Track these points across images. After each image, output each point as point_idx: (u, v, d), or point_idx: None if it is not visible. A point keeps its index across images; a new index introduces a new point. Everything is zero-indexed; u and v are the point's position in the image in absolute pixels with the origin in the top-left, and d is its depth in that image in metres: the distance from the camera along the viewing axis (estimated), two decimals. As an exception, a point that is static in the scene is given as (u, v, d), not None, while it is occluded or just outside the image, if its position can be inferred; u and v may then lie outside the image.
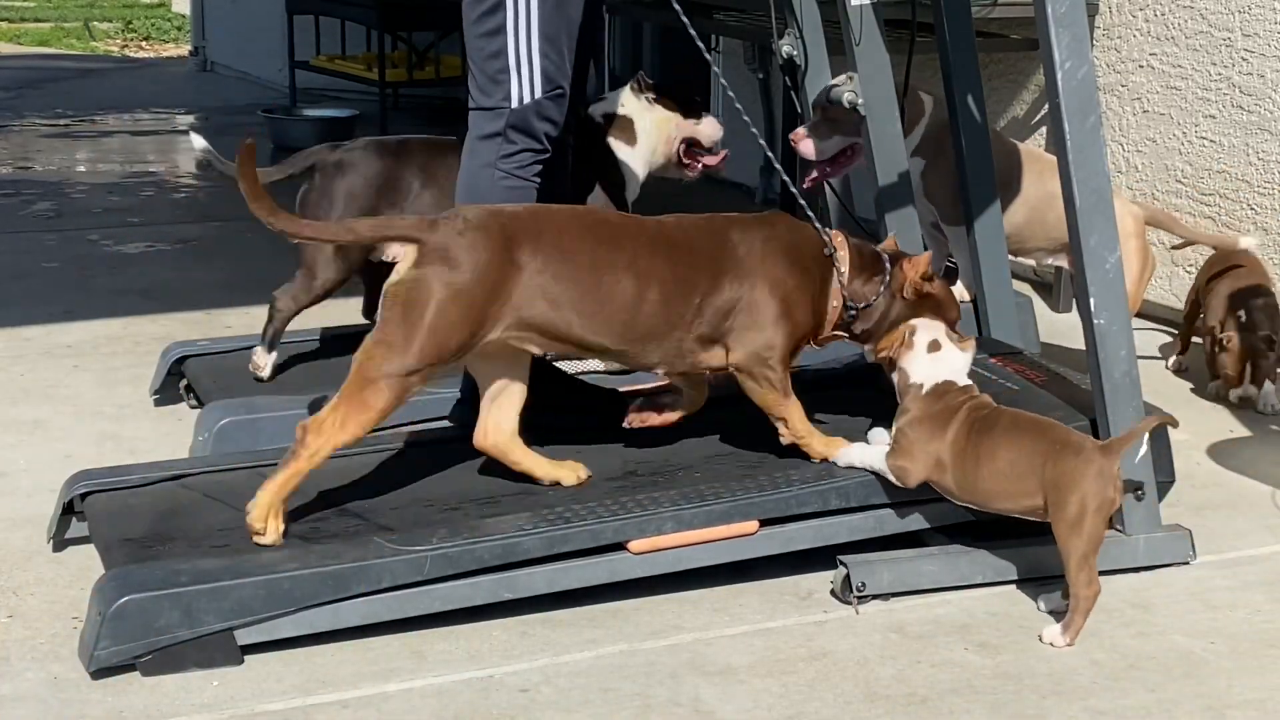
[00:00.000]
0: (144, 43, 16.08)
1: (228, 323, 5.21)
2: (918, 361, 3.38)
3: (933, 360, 3.37)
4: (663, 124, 4.59)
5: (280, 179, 4.30)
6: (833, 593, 3.34)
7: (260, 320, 4.37)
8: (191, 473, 3.55)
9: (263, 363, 4.30)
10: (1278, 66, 4.98)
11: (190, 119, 9.99)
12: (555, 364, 3.99)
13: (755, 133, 3.60)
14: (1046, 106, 5.38)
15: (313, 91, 9.90)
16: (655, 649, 3.12)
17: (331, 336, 4.63)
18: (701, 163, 4.67)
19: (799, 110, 4.48)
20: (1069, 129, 3.32)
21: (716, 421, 3.61)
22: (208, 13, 12.56)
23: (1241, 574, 3.51)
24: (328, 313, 4.84)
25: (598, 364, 4.18)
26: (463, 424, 3.84)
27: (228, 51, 12.26)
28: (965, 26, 4.23)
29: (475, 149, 3.70)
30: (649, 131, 4.58)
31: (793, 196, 3.64)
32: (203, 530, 3.24)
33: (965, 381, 3.38)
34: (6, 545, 3.51)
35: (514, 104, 3.60)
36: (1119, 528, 3.47)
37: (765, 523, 3.33)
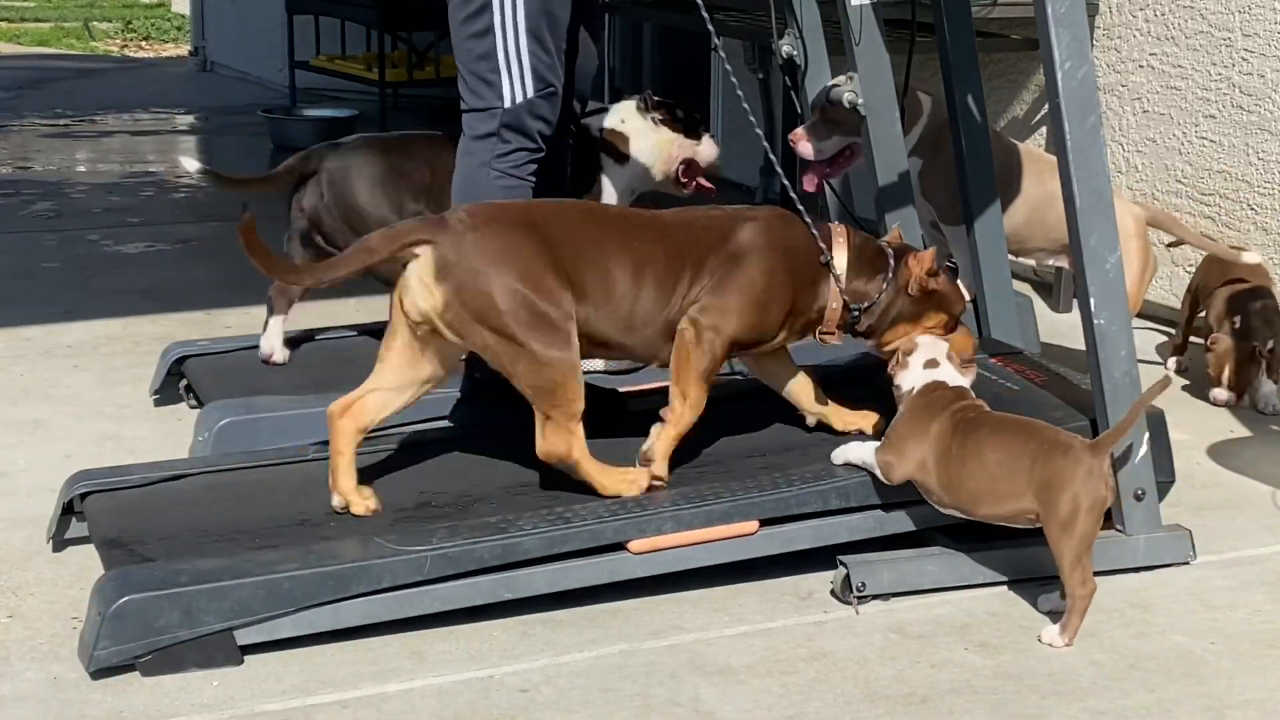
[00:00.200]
0: (144, 43, 16.10)
1: (228, 323, 5.21)
2: (912, 374, 3.39)
3: (926, 373, 3.38)
4: (665, 145, 4.61)
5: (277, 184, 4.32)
6: (833, 593, 3.34)
7: (260, 320, 4.38)
8: (191, 473, 3.55)
9: (271, 346, 4.35)
10: (1278, 66, 4.97)
11: (190, 119, 9.99)
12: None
13: (759, 133, 3.60)
14: (1046, 106, 5.37)
15: (313, 91, 9.90)
16: (655, 649, 3.12)
17: (333, 337, 4.63)
18: (696, 183, 4.69)
19: (799, 110, 4.48)
20: (1069, 129, 3.32)
21: (717, 421, 3.61)
22: (207, 13, 12.57)
23: (1241, 574, 3.51)
24: (329, 313, 4.84)
25: (598, 364, 4.18)
26: (463, 424, 3.85)
27: (228, 51, 12.26)
28: (965, 26, 4.23)
29: (470, 149, 3.70)
30: (650, 151, 4.58)
31: (792, 197, 3.64)
32: (202, 530, 3.24)
33: (957, 384, 3.37)
34: (6, 545, 3.51)
35: (506, 104, 3.61)
36: (1119, 528, 3.47)
37: (765, 523, 3.33)
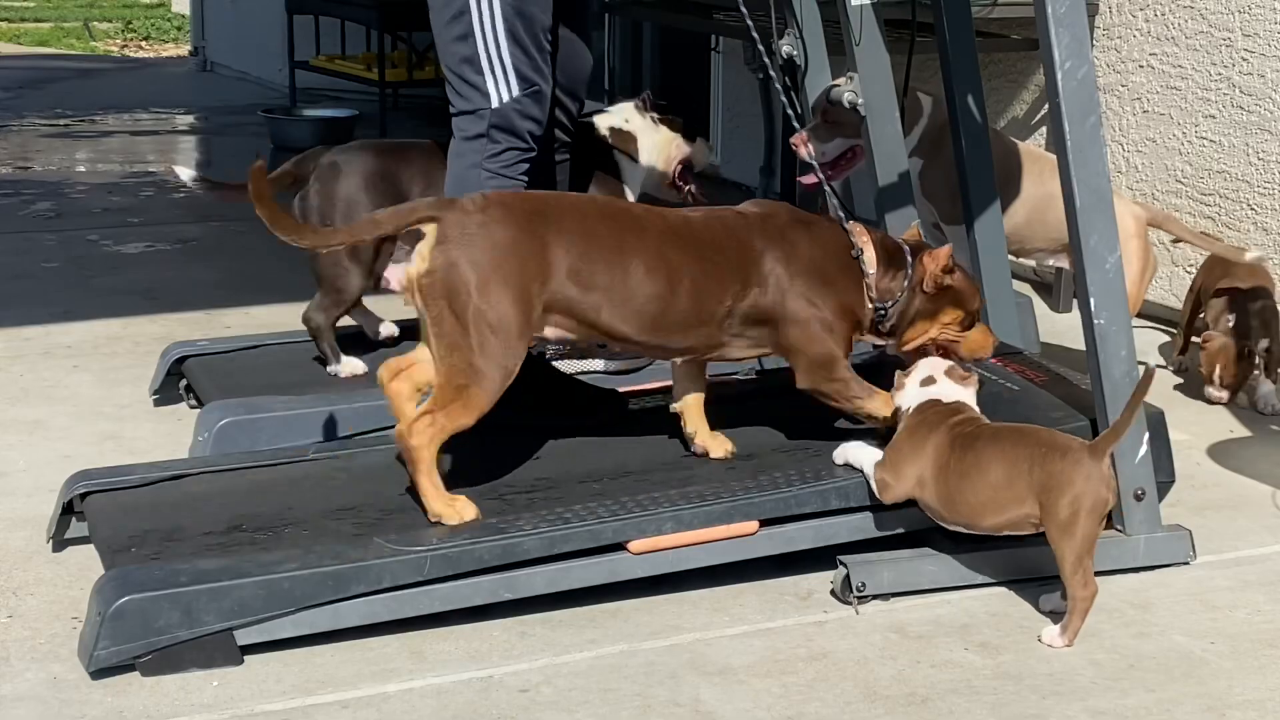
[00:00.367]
0: (144, 43, 16.10)
1: (228, 323, 5.21)
2: (908, 394, 3.39)
3: (923, 391, 3.38)
4: (665, 145, 4.63)
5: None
6: (833, 593, 3.34)
7: (260, 320, 4.38)
8: (191, 473, 3.55)
9: (348, 368, 4.24)
10: (1278, 66, 4.97)
11: (190, 119, 9.99)
12: (554, 364, 3.99)
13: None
14: (1046, 106, 5.37)
15: (312, 91, 9.91)
16: (655, 649, 3.12)
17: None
18: (690, 187, 4.71)
19: (799, 110, 4.48)
20: (1069, 129, 3.32)
21: (717, 421, 3.60)
22: (207, 13, 12.57)
23: (1241, 574, 3.51)
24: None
25: (598, 364, 4.18)
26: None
27: (228, 51, 12.26)
28: (965, 26, 4.23)
29: (461, 151, 3.69)
30: (652, 150, 4.61)
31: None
32: (203, 530, 3.23)
33: (953, 399, 3.36)
34: (6, 545, 3.51)
35: (494, 105, 3.61)
36: (1119, 528, 3.47)
37: (765, 523, 3.33)
